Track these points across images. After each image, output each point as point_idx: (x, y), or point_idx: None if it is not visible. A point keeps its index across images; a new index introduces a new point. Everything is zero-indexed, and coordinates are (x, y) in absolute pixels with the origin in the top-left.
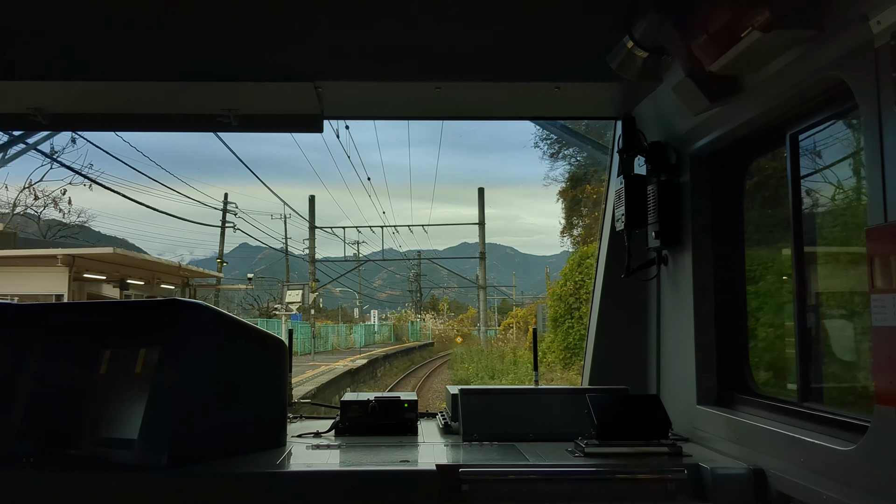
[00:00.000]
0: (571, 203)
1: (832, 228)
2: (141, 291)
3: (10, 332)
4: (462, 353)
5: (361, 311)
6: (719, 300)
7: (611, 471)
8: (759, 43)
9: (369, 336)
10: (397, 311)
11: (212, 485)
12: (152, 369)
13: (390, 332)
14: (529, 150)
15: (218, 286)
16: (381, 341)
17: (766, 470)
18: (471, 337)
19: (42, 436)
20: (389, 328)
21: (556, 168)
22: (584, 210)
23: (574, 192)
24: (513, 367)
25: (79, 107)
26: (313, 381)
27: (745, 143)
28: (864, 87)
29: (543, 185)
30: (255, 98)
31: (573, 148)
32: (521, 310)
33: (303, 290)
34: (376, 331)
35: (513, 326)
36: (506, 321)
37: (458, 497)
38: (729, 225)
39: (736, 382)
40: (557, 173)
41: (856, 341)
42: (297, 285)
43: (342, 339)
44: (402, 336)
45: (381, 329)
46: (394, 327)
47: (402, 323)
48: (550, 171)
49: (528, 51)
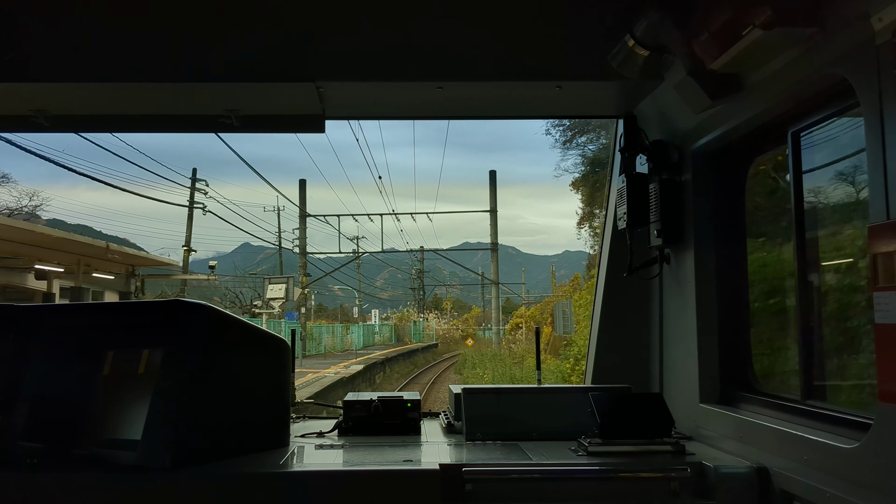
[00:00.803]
0: (592, 189)
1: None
2: (68, 281)
3: (14, 334)
4: (472, 356)
5: (361, 310)
6: (722, 298)
7: (614, 470)
8: (760, 41)
9: (368, 337)
10: (399, 311)
11: (215, 485)
12: (155, 370)
13: (391, 332)
14: (532, 150)
15: (177, 276)
16: (381, 342)
17: (769, 468)
18: (477, 338)
19: (46, 437)
20: (390, 328)
21: (567, 158)
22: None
23: (595, 177)
24: (535, 373)
25: (80, 108)
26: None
27: (746, 141)
28: (866, 84)
29: (555, 177)
30: (257, 99)
31: (589, 135)
32: (530, 308)
33: (286, 284)
34: (377, 331)
35: (521, 326)
36: (512, 321)
37: (461, 496)
38: (731, 223)
39: (739, 380)
40: (570, 163)
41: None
42: (281, 279)
43: (338, 341)
44: (403, 337)
45: (382, 329)
46: (395, 327)
47: (404, 323)
48: (562, 160)
49: (529, 50)
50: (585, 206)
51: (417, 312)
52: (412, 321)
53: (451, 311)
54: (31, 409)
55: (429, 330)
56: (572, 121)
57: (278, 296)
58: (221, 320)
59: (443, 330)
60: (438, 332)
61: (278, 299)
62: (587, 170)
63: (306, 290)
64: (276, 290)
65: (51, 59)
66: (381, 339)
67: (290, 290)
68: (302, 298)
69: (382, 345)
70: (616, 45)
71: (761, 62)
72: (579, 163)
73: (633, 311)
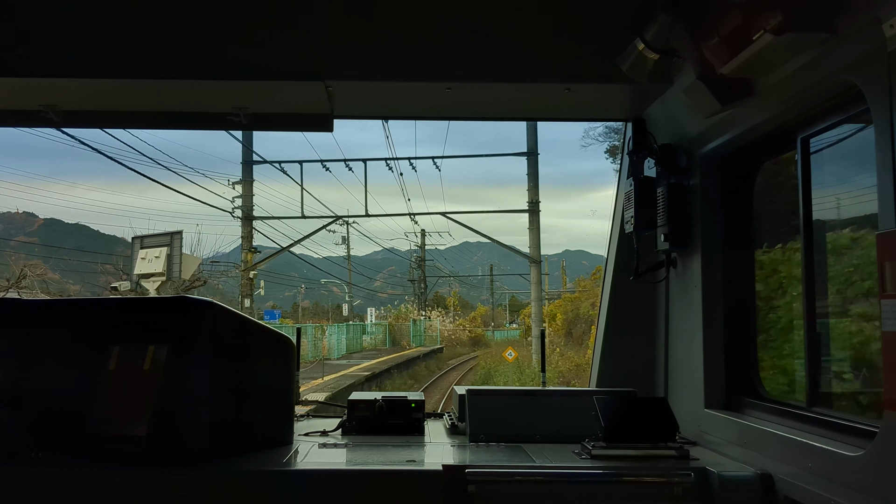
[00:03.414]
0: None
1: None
2: None
3: (20, 328)
4: (510, 374)
5: (352, 306)
6: (728, 303)
7: (617, 473)
8: (770, 46)
9: (355, 340)
10: (395, 308)
11: (219, 482)
12: (160, 366)
13: (385, 334)
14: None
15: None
16: (371, 347)
17: (773, 474)
18: (486, 340)
19: (51, 432)
20: (384, 329)
21: (596, 126)
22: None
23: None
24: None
25: (90, 104)
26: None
27: (755, 146)
28: (877, 90)
29: (582, 147)
30: (266, 97)
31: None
32: (548, 305)
33: (168, 248)
34: (367, 331)
35: (546, 325)
36: (523, 319)
37: (464, 498)
38: (738, 228)
39: (744, 386)
40: (598, 132)
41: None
42: (159, 238)
43: (310, 347)
44: (400, 340)
45: (375, 330)
46: (389, 328)
47: (401, 322)
48: (592, 127)
49: (538, 52)
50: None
51: (417, 310)
52: (411, 320)
53: (455, 307)
54: (36, 404)
55: (431, 331)
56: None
57: (154, 270)
58: (227, 317)
59: (448, 331)
60: (443, 332)
61: (154, 277)
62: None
63: (253, 274)
64: (151, 262)
65: (61, 55)
66: (372, 342)
67: (174, 259)
68: (247, 285)
69: (373, 350)
70: (626, 48)
71: (772, 67)
72: (608, 131)
73: (638, 314)
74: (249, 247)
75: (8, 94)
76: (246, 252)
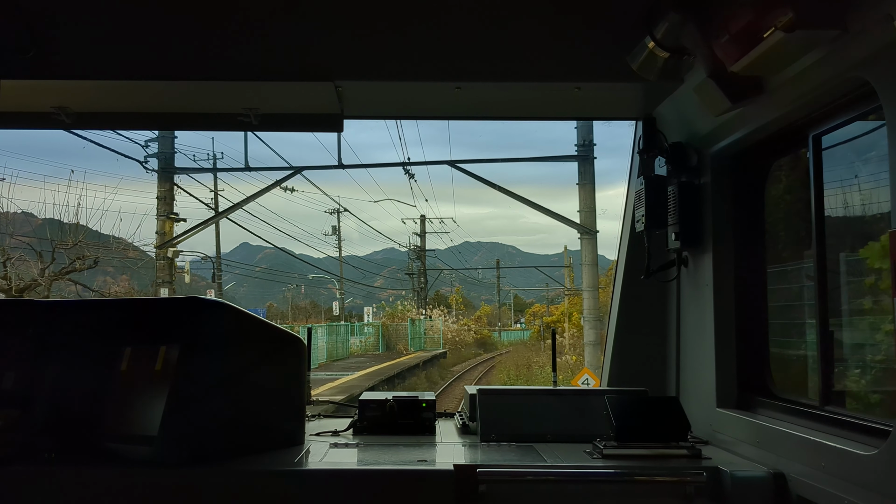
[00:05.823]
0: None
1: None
2: None
3: (33, 329)
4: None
5: (342, 304)
6: (740, 302)
7: (629, 473)
8: (781, 43)
9: (338, 345)
10: (390, 305)
11: (230, 482)
12: (172, 367)
13: (377, 337)
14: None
15: None
16: (361, 352)
17: (786, 474)
18: (492, 341)
19: (63, 431)
20: (376, 330)
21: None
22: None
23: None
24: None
25: (101, 105)
26: None
27: (766, 145)
28: (889, 87)
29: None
30: (276, 97)
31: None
32: (562, 303)
33: None
34: (356, 333)
35: (563, 326)
36: (529, 319)
37: (475, 497)
38: (750, 226)
39: (756, 385)
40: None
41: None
42: None
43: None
44: (396, 343)
45: (367, 331)
46: (383, 329)
47: (398, 322)
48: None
49: (548, 51)
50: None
51: (417, 308)
52: (409, 319)
53: (459, 305)
54: (48, 404)
55: (433, 332)
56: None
57: None
58: (239, 318)
59: (451, 332)
60: (446, 334)
61: None
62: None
63: (173, 252)
64: None
65: (72, 57)
66: (361, 346)
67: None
68: (163, 267)
69: (361, 356)
70: (636, 46)
71: (782, 65)
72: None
73: (650, 313)
74: (168, 212)
75: (20, 96)
76: (163, 220)
